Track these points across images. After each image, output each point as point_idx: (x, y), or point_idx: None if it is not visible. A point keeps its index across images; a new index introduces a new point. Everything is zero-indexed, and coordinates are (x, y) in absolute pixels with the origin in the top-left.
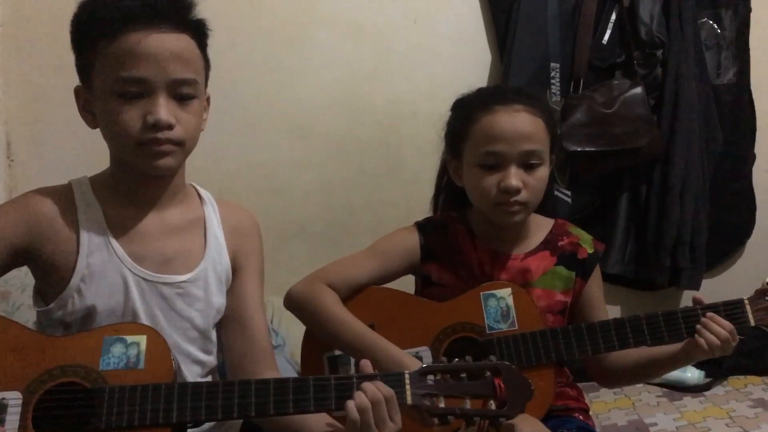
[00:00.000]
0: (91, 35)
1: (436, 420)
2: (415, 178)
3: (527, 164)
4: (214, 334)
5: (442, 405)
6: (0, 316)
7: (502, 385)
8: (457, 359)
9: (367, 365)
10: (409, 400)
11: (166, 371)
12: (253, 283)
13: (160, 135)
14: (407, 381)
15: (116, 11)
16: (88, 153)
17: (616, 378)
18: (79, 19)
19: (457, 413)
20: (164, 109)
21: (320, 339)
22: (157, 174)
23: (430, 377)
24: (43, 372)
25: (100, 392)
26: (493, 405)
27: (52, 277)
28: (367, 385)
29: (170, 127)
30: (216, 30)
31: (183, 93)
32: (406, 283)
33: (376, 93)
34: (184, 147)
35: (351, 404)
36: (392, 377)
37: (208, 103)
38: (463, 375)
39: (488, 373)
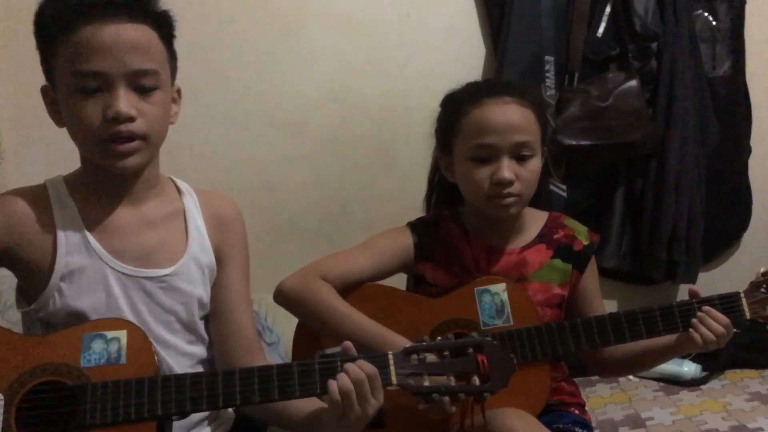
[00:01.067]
0: (49, 32)
1: (422, 399)
2: (408, 173)
3: (519, 156)
4: (201, 326)
5: (426, 384)
6: None
7: (485, 361)
8: (439, 338)
9: (350, 347)
10: (393, 380)
11: (148, 365)
12: (237, 274)
13: (122, 128)
14: (391, 361)
15: (70, 5)
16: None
17: (610, 368)
18: (38, 17)
19: (441, 390)
20: (124, 101)
21: (319, 332)
22: (123, 174)
23: (414, 357)
24: (25, 372)
25: (83, 389)
26: (477, 381)
27: (31, 277)
28: (350, 366)
29: (131, 119)
30: (208, 25)
31: (144, 84)
32: (399, 283)
33: (368, 88)
34: (149, 141)
35: (333, 385)
36: (376, 358)
37: (179, 96)
38: (446, 353)
39: (471, 350)
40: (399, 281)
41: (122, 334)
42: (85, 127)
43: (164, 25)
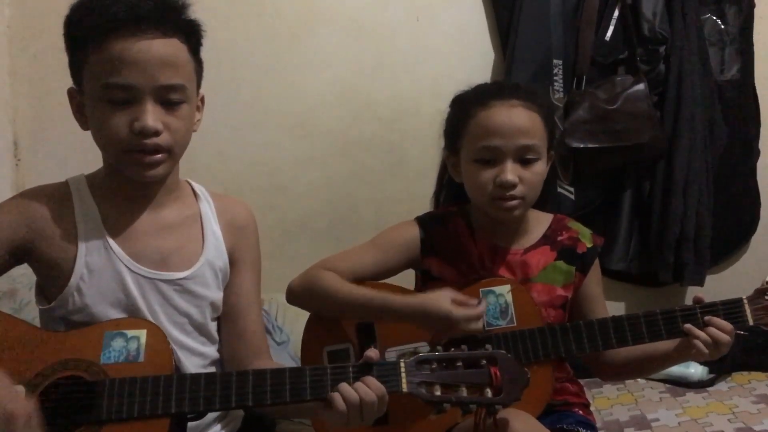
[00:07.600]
0: (79, 40)
1: (433, 408)
2: (418, 174)
3: (524, 159)
4: (213, 327)
5: (438, 393)
6: (2, 314)
7: (498, 374)
8: (453, 348)
9: (374, 354)
10: (404, 388)
11: (165, 364)
12: (249, 278)
13: (148, 141)
14: (403, 369)
15: (102, 18)
16: (95, 153)
17: (612, 372)
18: (69, 22)
19: (452, 401)
20: (151, 115)
21: (333, 323)
22: (146, 182)
23: (427, 366)
24: (46, 366)
25: (101, 384)
26: (489, 393)
27: (52, 275)
28: (362, 388)
29: (157, 133)
30: (218, 28)
31: (171, 99)
32: (407, 279)
33: (378, 90)
34: (172, 153)
35: (338, 398)
36: (388, 366)
37: (203, 103)
38: (459, 364)
39: (484, 362)
40: (407, 280)
41: (142, 334)
42: (111, 136)
43: (194, 36)
